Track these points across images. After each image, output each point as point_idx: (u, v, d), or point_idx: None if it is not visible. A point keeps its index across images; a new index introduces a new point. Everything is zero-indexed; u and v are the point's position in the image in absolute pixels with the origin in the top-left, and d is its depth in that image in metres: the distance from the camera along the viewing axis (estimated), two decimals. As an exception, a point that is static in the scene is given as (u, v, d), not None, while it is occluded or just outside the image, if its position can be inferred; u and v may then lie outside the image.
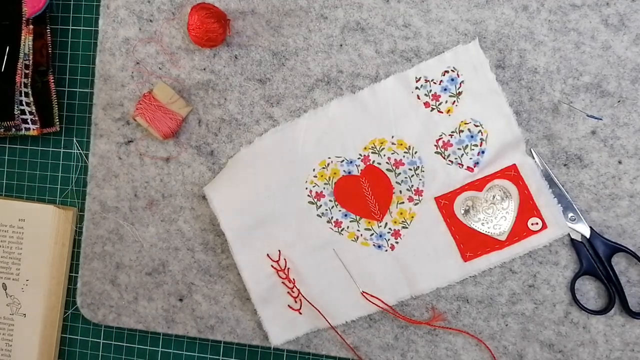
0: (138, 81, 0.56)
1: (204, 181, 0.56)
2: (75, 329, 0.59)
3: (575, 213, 0.50)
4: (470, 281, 0.52)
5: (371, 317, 0.54)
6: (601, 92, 0.50)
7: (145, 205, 0.56)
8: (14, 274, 0.58)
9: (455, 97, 0.51)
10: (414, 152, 0.52)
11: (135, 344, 0.58)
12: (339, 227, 0.53)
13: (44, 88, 0.57)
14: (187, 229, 0.56)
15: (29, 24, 0.55)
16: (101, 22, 0.56)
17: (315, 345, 0.54)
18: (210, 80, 0.55)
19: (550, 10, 0.51)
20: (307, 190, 0.53)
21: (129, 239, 0.57)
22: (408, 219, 0.52)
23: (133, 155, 0.56)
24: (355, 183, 0.53)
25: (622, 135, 0.50)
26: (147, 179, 0.56)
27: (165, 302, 0.56)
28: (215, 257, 0.56)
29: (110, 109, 0.56)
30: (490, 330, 0.52)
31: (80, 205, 0.58)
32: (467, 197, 0.51)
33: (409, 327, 0.53)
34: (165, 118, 0.53)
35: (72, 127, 0.59)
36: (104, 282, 0.57)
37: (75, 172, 0.59)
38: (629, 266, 0.51)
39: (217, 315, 0.56)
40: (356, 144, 0.53)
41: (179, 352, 0.58)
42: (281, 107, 0.54)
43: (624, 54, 0.50)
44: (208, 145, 0.55)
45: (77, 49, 0.58)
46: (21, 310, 0.58)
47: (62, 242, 0.58)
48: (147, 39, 0.55)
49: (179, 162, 0.56)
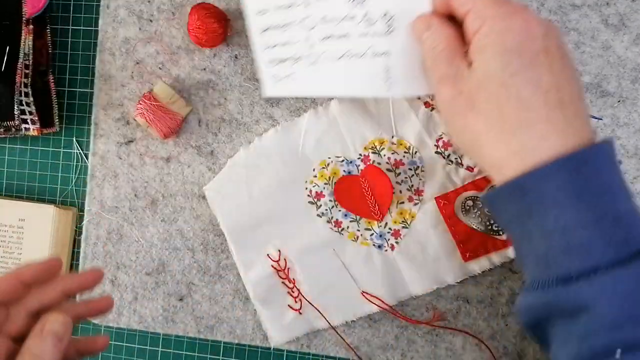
0: (138, 81, 0.56)
1: (204, 181, 0.56)
2: (75, 328, 0.59)
3: (575, 213, 0.50)
4: (470, 281, 0.52)
5: (371, 317, 0.54)
6: (601, 92, 0.50)
7: (145, 205, 0.56)
8: (14, 274, 0.58)
9: (455, 97, 0.51)
10: (414, 152, 0.52)
11: (135, 344, 0.58)
12: (339, 227, 0.53)
13: (44, 88, 0.57)
14: (187, 229, 0.56)
15: (29, 24, 0.55)
16: (101, 22, 0.56)
17: (315, 345, 0.55)
18: (210, 80, 0.55)
19: (550, 10, 0.51)
20: (307, 190, 0.53)
21: (129, 239, 0.57)
22: (408, 219, 0.52)
23: (133, 155, 0.56)
24: (355, 183, 0.53)
25: (622, 135, 0.50)
26: (147, 178, 0.56)
27: (165, 302, 0.56)
28: (215, 257, 0.56)
29: (110, 109, 0.56)
30: (490, 330, 0.52)
31: (80, 205, 0.58)
32: (467, 197, 0.51)
33: (409, 327, 0.53)
34: (166, 118, 0.53)
35: (72, 127, 0.59)
36: (104, 282, 0.57)
37: (75, 172, 0.59)
38: (629, 266, 0.51)
39: (217, 315, 0.56)
40: (356, 144, 0.53)
41: (179, 352, 0.58)
42: (281, 107, 0.54)
43: (624, 53, 0.50)
44: (208, 145, 0.55)
45: (77, 49, 0.58)
46: (21, 310, 0.57)
47: (62, 242, 0.58)
48: (147, 39, 0.55)
49: (179, 162, 0.56)
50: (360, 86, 0.47)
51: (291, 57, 0.47)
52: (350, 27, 0.45)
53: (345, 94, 0.49)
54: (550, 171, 0.35)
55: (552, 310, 0.37)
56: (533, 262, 0.38)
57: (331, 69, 0.46)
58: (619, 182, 0.36)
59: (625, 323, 0.34)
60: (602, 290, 0.34)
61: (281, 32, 0.47)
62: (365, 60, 0.45)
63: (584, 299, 0.35)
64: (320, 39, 0.46)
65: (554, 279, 0.36)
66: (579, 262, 0.35)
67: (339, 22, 0.45)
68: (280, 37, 0.47)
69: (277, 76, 0.48)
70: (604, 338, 0.34)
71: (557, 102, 0.36)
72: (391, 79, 0.45)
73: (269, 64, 0.48)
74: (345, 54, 0.46)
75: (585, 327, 0.35)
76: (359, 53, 0.45)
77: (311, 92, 0.50)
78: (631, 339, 0.34)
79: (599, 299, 0.34)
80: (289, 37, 0.47)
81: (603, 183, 0.35)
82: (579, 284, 0.35)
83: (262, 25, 0.47)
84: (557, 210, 0.35)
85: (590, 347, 0.35)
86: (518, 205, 0.37)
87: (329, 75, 0.47)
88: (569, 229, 0.35)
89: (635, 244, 0.35)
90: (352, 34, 0.45)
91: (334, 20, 0.45)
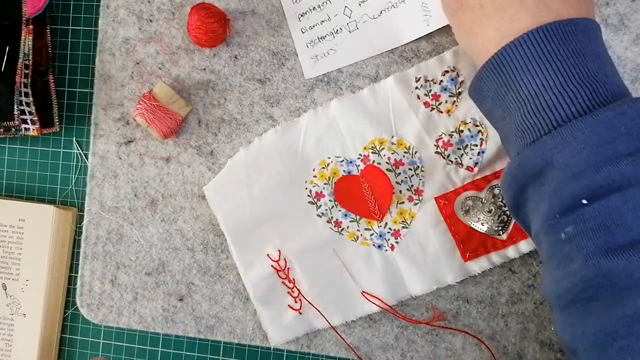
0: (138, 81, 0.56)
1: (204, 181, 0.56)
2: (75, 329, 0.59)
3: (575, 213, 0.50)
4: (470, 281, 0.52)
5: (371, 317, 0.54)
6: (601, 92, 0.50)
7: (145, 205, 0.56)
8: (14, 274, 0.58)
9: (455, 97, 0.51)
10: (414, 152, 0.52)
11: (135, 344, 0.58)
12: (338, 227, 0.53)
13: (43, 88, 0.57)
14: (187, 229, 0.56)
15: (29, 24, 0.55)
16: (101, 22, 0.56)
17: (315, 345, 0.55)
18: (210, 80, 0.55)
19: (550, 10, 0.51)
20: (307, 190, 0.53)
21: (129, 239, 0.57)
22: (408, 219, 0.52)
23: (133, 155, 0.56)
24: (355, 183, 0.53)
25: (622, 135, 0.50)
26: (147, 179, 0.56)
27: (165, 302, 0.56)
28: (215, 257, 0.56)
29: (110, 109, 0.56)
30: (490, 330, 0.52)
31: (80, 205, 0.58)
32: (467, 197, 0.51)
33: (409, 327, 0.53)
34: (165, 118, 0.53)
35: (72, 127, 0.59)
36: (104, 282, 0.57)
37: (75, 172, 0.59)
38: (629, 266, 0.51)
39: (217, 315, 0.56)
40: (356, 144, 0.53)
41: (179, 352, 0.58)
42: (281, 107, 0.54)
43: (624, 53, 0.50)
44: (208, 145, 0.55)
45: (77, 49, 0.58)
46: (21, 310, 0.58)
47: (62, 242, 0.58)
48: (147, 39, 0.55)
49: (179, 162, 0.56)
50: (403, 33, 0.52)
51: (331, 31, 0.52)
52: None
53: (389, 47, 0.52)
54: (520, 43, 0.39)
55: (524, 173, 0.39)
56: (513, 136, 0.40)
57: (373, 28, 0.52)
58: (592, 49, 0.39)
59: (586, 170, 0.35)
60: (563, 142, 0.36)
61: (318, 12, 0.52)
62: (404, 4, 0.51)
63: (548, 154, 0.37)
64: (358, 3, 0.51)
65: (527, 143, 0.38)
66: (545, 122, 0.38)
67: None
68: (318, 16, 0.52)
69: (317, 56, 0.53)
70: (568, 188, 0.36)
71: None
72: (429, 13, 0.50)
73: (309, 46, 0.52)
74: (385, 7, 0.51)
75: (552, 183, 0.37)
76: (398, 1, 0.51)
77: (355, 58, 0.53)
78: (594, 185, 0.35)
79: (561, 151, 0.36)
80: (327, 13, 0.52)
81: (574, 49, 0.38)
82: (542, 140, 0.37)
83: (299, 11, 0.53)
84: (528, 77, 0.38)
85: (559, 200, 0.36)
86: (498, 80, 0.40)
87: (373, 34, 0.52)
88: (539, 94, 0.38)
89: (599, 98, 0.37)
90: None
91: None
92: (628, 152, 0.35)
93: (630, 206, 0.34)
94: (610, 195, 0.34)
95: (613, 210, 0.34)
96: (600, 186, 0.35)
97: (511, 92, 0.39)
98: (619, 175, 0.34)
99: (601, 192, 0.35)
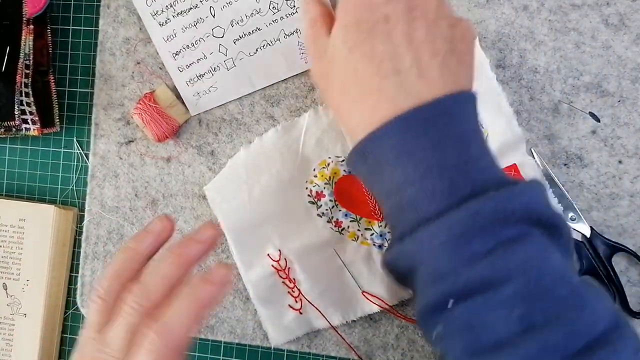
0: (138, 81, 0.56)
1: (204, 181, 0.56)
2: (75, 329, 0.59)
3: (575, 213, 0.50)
4: (470, 281, 0.52)
5: (371, 316, 0.54)
6: (601, 91, 0.50)
7: (146, 205, 0.56)
8: (15, 274, 0.58)
9: (456, 96, 0.51)
10: (414, 152, 0.52)
11: (135, 344, 0.58)
12: (339, 227, 0.53)
13: (44, 88, 0.57)
14: (187, 229, 0.56)
15: (29, 24, 0.55)
16: (101, 22, 0.56)
17: (316, 345, 0.55)
18: (210, 80, 0.55)
19: (550, 10, 0.51)
20: (308, 190, 0.53)
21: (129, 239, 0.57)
22: (408, 219, 0.52)
23: (133, 155, 0.56)
24: (356, 183, 0.53)
25: (623, 134, 0.50)
26: (147, 178, 0.56)
27: (165, 302, 0.56)
28: (215, 257, 0.56)
29: (111, 109, 0.56)
30: (490, 330, 0.52)
31: (81, 205, 0.58)
32: (467, 197, 0.51)
33: (410, 327, 0.53)
34: (162, 121, 0.53)
35: (72, 127, 0.59)
36: (104, 282, 0.57)
37: (76, 172, 0.59)
38: (629, 266, 0.51)
39: (217, 315, 0.56)
40: (356, 144, 0.53)
41: (179, 352, 0.57)
42: (281, 107, 0.54)
43: (624, 53, 0.50)
44: (208, 145, 0.55)
45: (78, 49, 0.58)
46: (22, 310, 0.58)
47: (62, 242, 0.58)
48: (147, 39, 0.55)
49: (180, 162, 0.56)
50: (281, 69, 0.53)
51: (209, 69, 0.52)
52: (259, 20, 0.51)
53: (271, 82, 0.53)
54: (381, 134, 0.37)
55: (399, 267, 0.38)
56: (388, 221, 0.40)
57: (251, 64, 0.52)
58: (455, 131, 0.36)
59: (449, 273, 0.35)
60: (422, 248, 0.35)
61: (192, 50, 0.53)
62: (280, 44, 0.52)
63: (412, 256, 0.36)
64: (233, 41, 0.52)
65: (396, 238, 0.38)
66: (409, 220, 0.36)
67: (248, 19, 0.51)
68: (193, 54, 0.53)
69: (199, 93, 0.53)
70: (434, 290, 0.35)
71: (390, 70, 0.37)
72: (306, 52, 0.51)
73: (189, 84, 0.53)
74: (260, 45, 0.52)
75: (420, 283, 0.37)
76: (273, 39, 0.51)
77: (238, 94, 0.54)
78: (456, 288, 0.35)
79: (424, 254, 0.36)
80: (201, 51, 0.52)
81: (432, 137, 0.36)
82: (405, 241, 0.36)
83: (173, 50, 0.53)
84: (389, 170, 0.37)
85: (427, 300, 0.36)
86: (365, 168, 0.39)
87: (250, 71, 0.53)
88: (401, 188, 0.37)
89: (457, 193, 0.35)
90: (262, 25, 0.51)
91: (243, 20, 0.51)
92: (485, 251, 0.34)
93: (492, 306, 0.34)
94: (473, 296, 0.34)
95: (476, 311, 0.34)
96: (462, 288, 0.34)
97: (377, 182, 0.38)
98: (477, 277, 0.34)
99: (464, 293, 0.34)
